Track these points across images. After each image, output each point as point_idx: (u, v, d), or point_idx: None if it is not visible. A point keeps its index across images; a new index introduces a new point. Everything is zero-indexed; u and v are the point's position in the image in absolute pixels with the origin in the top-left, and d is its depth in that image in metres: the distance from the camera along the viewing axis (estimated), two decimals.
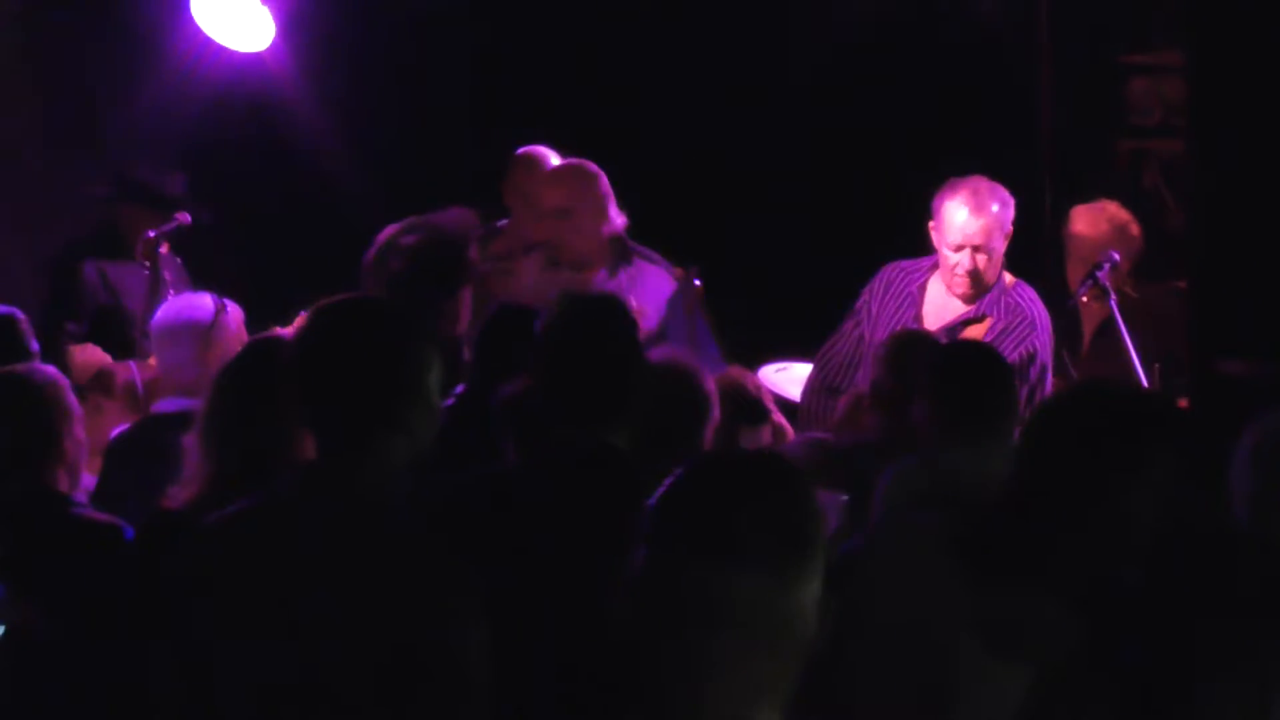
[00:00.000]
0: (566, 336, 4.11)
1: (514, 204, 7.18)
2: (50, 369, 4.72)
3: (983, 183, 6.03)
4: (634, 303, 6.04)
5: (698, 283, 6.57)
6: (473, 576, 3.20)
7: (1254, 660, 3.04)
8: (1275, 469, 3.23)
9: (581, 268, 6.54)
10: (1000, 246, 6.01)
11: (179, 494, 4.06)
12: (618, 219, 6.55)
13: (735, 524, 2.33)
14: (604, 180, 6.56)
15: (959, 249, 5.98)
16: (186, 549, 3.38)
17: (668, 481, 2.42)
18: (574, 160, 6.72)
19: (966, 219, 5.96)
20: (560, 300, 4.25)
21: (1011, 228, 6.04)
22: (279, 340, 4.09)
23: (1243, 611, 3.11)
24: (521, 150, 7.30)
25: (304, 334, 3.41)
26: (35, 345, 5.45)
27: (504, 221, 7.23)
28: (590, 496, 3.90)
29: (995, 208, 5.99)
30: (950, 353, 4.97)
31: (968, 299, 6.06)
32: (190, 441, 4.09)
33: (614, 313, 4.23)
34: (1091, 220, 6.80)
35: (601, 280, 6.54)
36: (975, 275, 5.99)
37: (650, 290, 6.49)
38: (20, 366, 4.77)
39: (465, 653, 3.16)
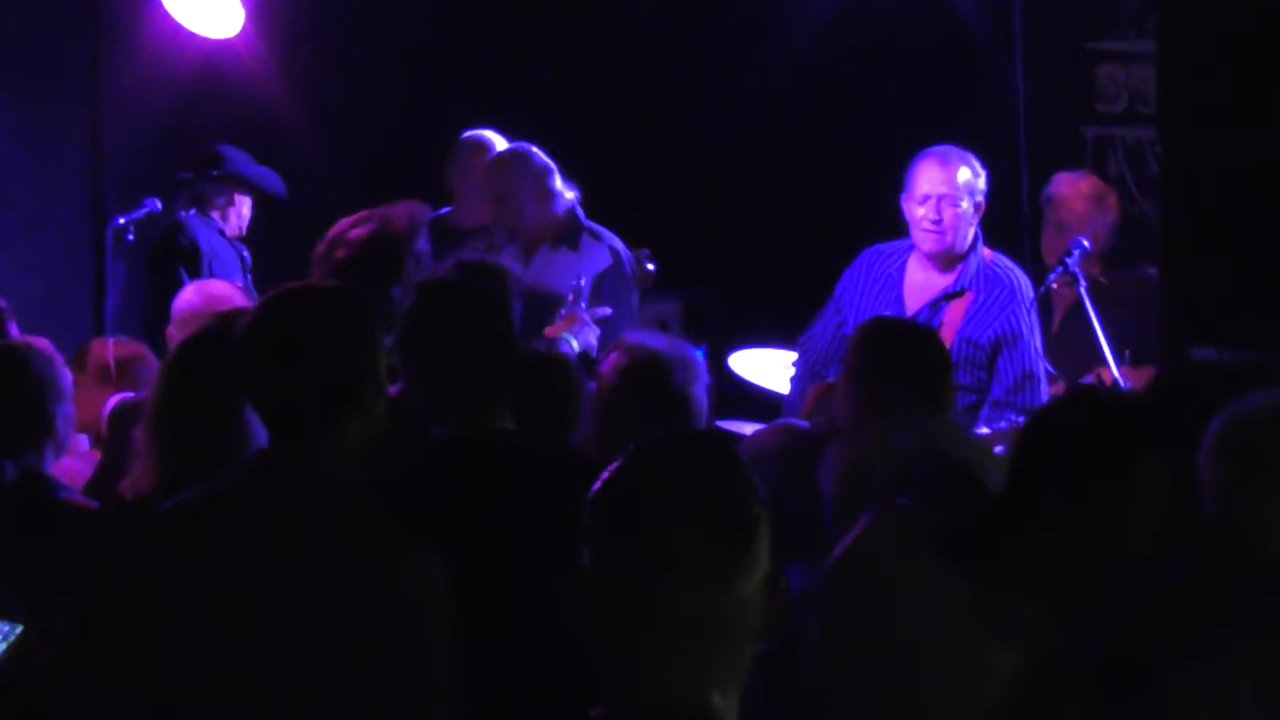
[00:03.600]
0: (429, 326, 4.04)
1: (459, 188, 7.28)
2: (44, 343, 4.63)
3: (953, 148, 6.10)
4: (575, 280, 6.14)
5: (651, 267, 6.67)
6: (432, 562, 3.20)
7: (1216, 656, 3.05)
8: (1244, 458, 3.23)
9: (529, 247, 6.64)
10: (970, 208, 6.02)
11: (131, 485, 3.95)
12: (565, 194, 6.63)
13: (669, 540, 2.30)
14: (539, 159, 6.63)
15: (925, 200, 6.00)
16: (139, 541, 3.37)
17: (604, 476, 2.37)
18: (512, 145, 6.80)
19: (934, 173, 6.00)
20: (416, 291, 4.16)
21: (984, 200, 6.06)
22: (225, 326, 4.04)
23: (1207, 603, 3.12)
24: (466, 134, 7.37)
25: (255, 321, 3.36)
26: (15, 330, 5.41)
27: (446, 209, 7.29)
28: (500, 484, 3.86)
29: (963, 167, 6.04)
30: (876, 331, 4.75)
31: (937, 258, 6.04)
32: (139, 433, 3.99)
33: (473, 296, 4.15)
34: (1072, 185, 6.83)
35: (544, 256, 6.64)
36: (940, 225, 5.99)
37: (595, 266, 6.56)
38: (15, 340, 4.69)
39: (426, 640, 3.16)
